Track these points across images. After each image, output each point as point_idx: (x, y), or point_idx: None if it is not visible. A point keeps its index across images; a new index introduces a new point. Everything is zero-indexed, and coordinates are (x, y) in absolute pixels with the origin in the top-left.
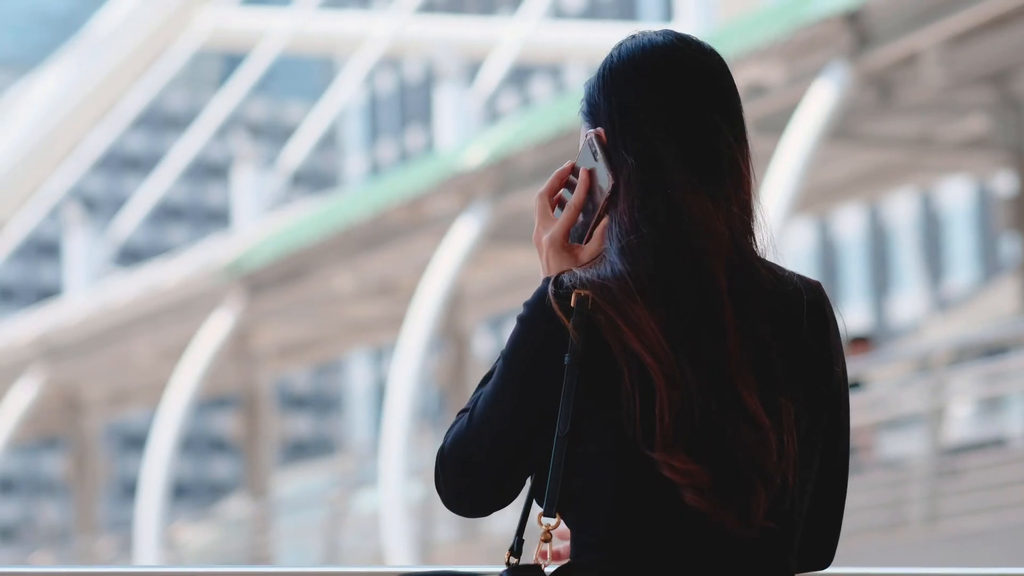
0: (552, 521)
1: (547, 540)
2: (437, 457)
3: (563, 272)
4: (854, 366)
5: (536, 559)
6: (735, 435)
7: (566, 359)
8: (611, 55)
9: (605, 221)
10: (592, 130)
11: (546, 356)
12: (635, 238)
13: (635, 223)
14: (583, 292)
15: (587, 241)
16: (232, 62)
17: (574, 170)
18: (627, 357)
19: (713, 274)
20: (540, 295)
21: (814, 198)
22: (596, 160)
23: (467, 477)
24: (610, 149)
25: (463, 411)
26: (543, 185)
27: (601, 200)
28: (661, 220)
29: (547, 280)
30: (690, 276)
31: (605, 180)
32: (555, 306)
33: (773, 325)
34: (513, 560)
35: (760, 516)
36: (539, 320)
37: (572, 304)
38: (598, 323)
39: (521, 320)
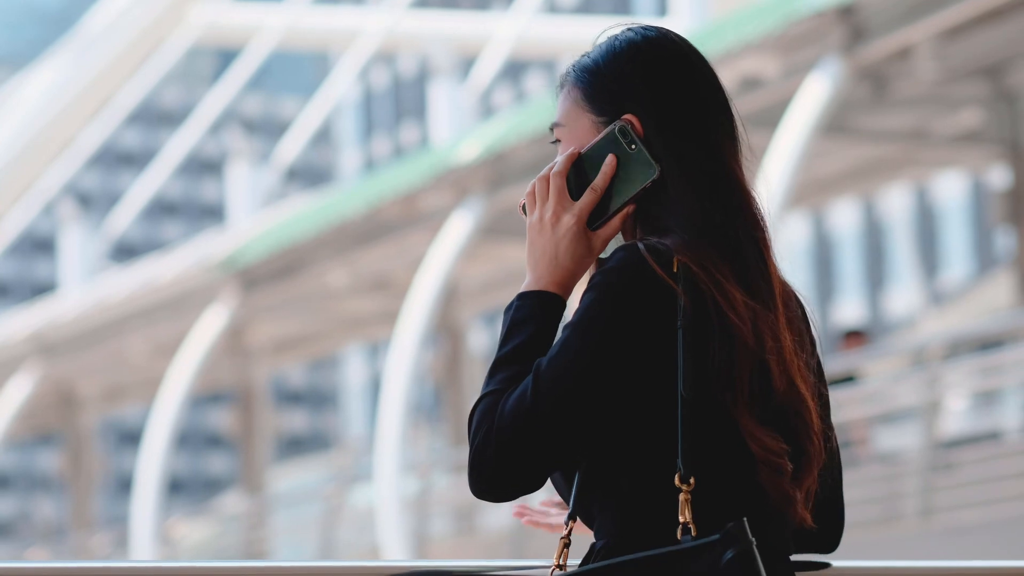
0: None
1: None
2: (487, 434)
3: (641, 241)
4: (849, 360)
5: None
6: (798, 419)
7: (679, 323)
8: (635, 44)
9: (629, 209)
10: (624, 118)
11: (644, 321)
12: (706, 223)
13: (706, 211)
14: (683, 257)
15: (600, 228)
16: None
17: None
18: (721, 326)
19: (770, 265)
20: (633, 261)
21: (808, 192)
22: (631, 149)
23: (531, 451)
24: (651, 139)
25: (494, 391)
26: (549, 169)
27: (635, 188)
28: (734, 207)
29: (630, 248)
30: (756, 265)
31: (640, 169)
32: (660, 271)
33: (799, 324)
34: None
35: (810, 505)
36: (637, 285)
37: (675, 269)
38: (700, 289)
39: (610, 286)
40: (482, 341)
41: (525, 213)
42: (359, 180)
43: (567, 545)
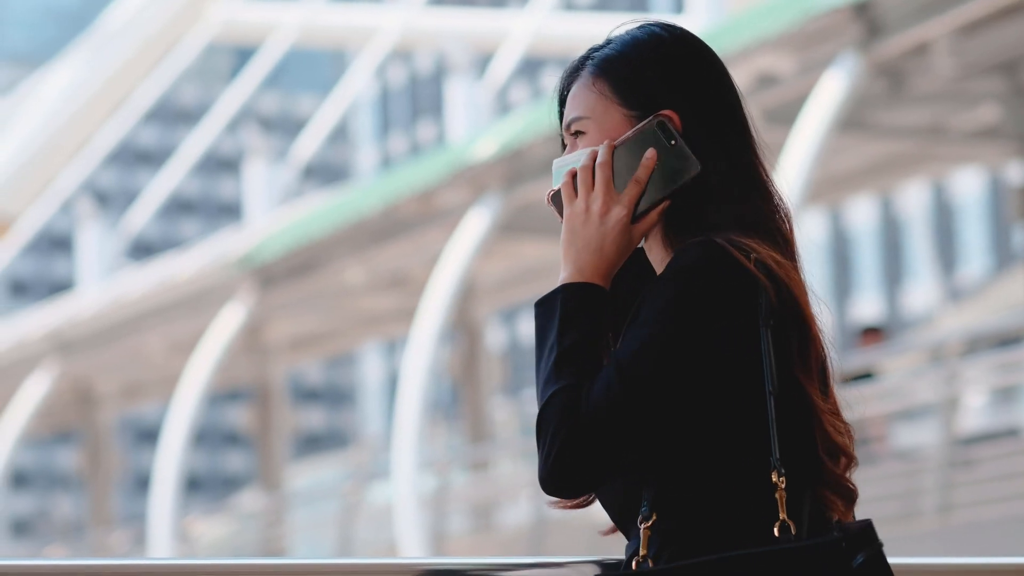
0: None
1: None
2: (573, 429)
3: (719, 237)
4: (867, 357)
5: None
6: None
7: (764, 317)
8: (662, 39)
9: (666, 204)
10: (663, 113)
11: (731, 314)
12: (754, 217)
13: (752, 206)
14: (763, 252)
15: (638, 221)
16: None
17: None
18: (798, 319)
19: (797, 259)
20: (717, 256)
21: (826, 189)
22: (670, 144)
23: (618, 444)
24: (690, 134)
25: (569, 385)
26: (591, 159)
27: (676, 183)
28: (772, 202)
29: (709, 242)
30: (794, 260)
31: (680, 163)
32: (748, 264)
33: None
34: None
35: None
36: (723, 278)
37: (762, 263)
38: (779, 281)
39: (696, 280)
40: (499, 338)
41: (554, 204)
42: (376, 177)
43: (650, 536)
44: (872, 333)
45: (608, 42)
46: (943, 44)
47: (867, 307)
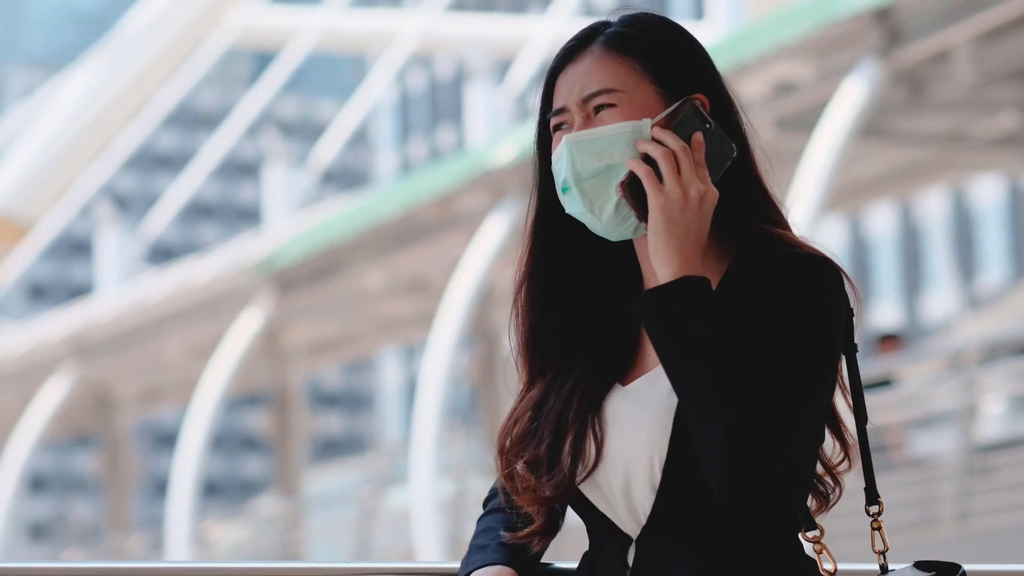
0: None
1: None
2: (781, 468)
3: (812, 244)
4: (885, 364)
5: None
6: None
7: (851, 337)
8: (673, 23)
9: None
10: (695, 96)
11: (843, 333)
12: (779, 209)
13: (771, 195)
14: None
15: None
16: (263, 60)
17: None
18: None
19: None
20: (834, 269)
21: (845, 196)
22: (706, 127)
23: (802, 469)
24: (720, 118)
25: (742, 415)
26: (681, 145)
27: (719, 167)
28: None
29: (822, 258)
30: None
31: (718, 148)
32: (852, 284)
33: None
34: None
35: None
36: (842, 296)
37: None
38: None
39: (831, 303)
40: None
41: (628, 193)
42: (395, 182)
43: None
44: (890, 340)
45: (613, 22)
46: (963, 51)
47: (886, 314)
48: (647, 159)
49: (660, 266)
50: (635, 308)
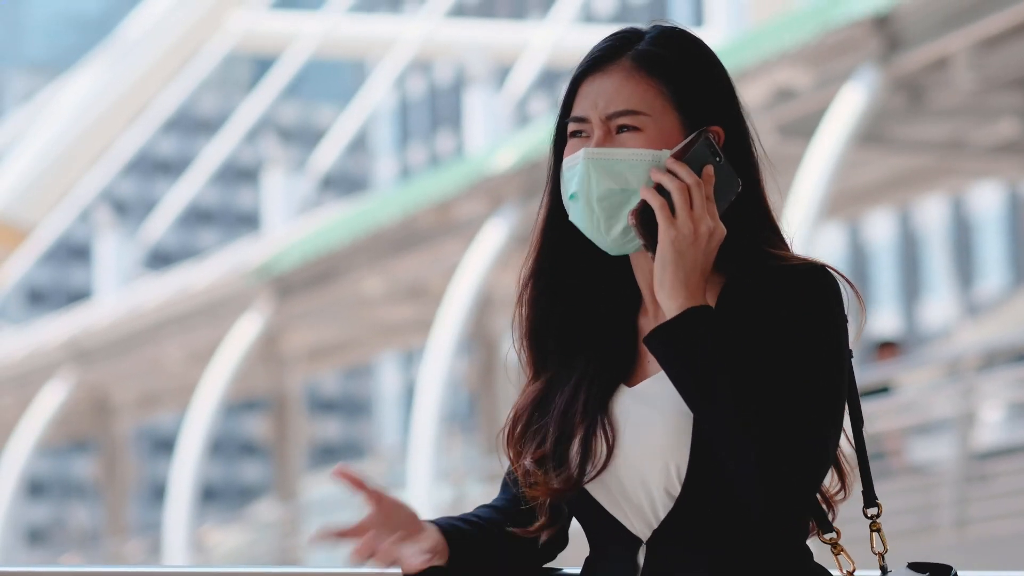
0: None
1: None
2: (798, 485)
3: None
4: (883, 371)
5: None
6: None
7: (851, 350)
8: (706, 48)
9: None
10: (712, 128)
11: (847, 347)
12: (784, 239)
13: (778, 228)
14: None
15: None
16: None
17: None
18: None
19: None
20: (831, 276)
21: (844, 202)
22: (716, 160)
23: (816, 483)
24: (730, 151)
25: (769, 440)
26: (693, 180)
27: (724, 202)
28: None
29: (826, 271)
30: None
31: (725, 182)
32: (859, 294)
33: None
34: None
35: None
36: (843, 310)
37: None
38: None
39: (837, 311)
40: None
41: (639, 223)
42: (394, 188)
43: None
44: (888, 347)
45: (645, 36)
46: (963, 58)
47: (884, 321)
48: (660, 189)
49: (666, 298)
50: (649, 344)
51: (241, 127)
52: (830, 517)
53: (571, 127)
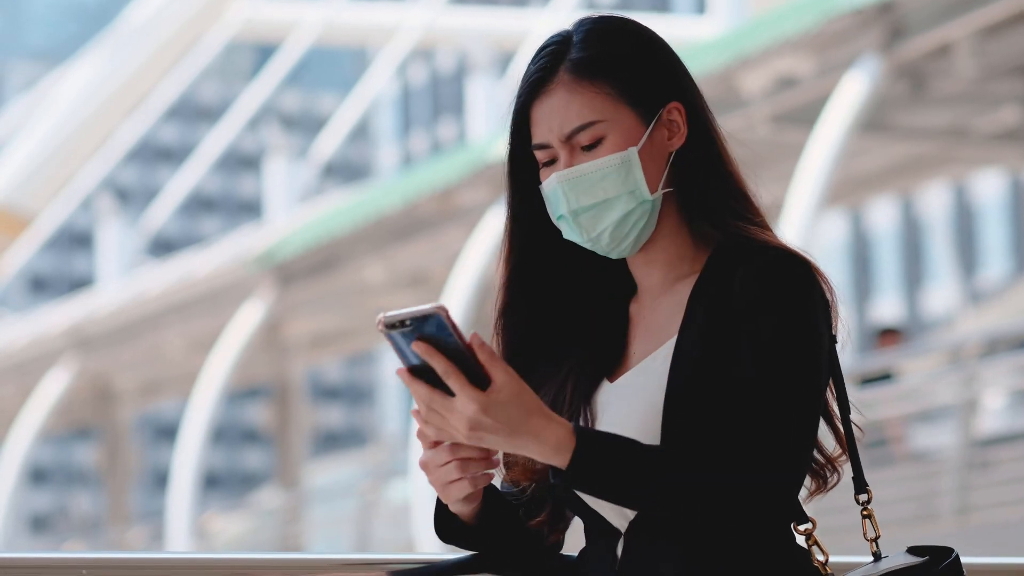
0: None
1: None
2: (780, 472)
3: (784, 241)
4: (885, 358)
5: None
6: None
7: (838, 335)
8: (641, 29)
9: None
10: (670, 106)
11: (826, 328)
12: (757, 208)
13: (747, 192)
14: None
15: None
16: (264, 53)
17: None
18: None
19: None
20: (805, 265)
21: (847, 190)
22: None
23: (803, 470)
24: (694, 121)
25: (716, 469)
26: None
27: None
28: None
29: (800, 260)
30: None
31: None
32: (830, 285)
33: None
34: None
35: None
36: (822, 293)
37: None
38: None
39: (813, 293)
40: None
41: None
42: (396, 176)
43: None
44: (890, 334)
45: (572, 41)
46: (965, 46)
47: (887, 308)
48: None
49: (546, 455)
50: (572, 487)
51: (243, 115)
52: (821, 491)
53: (538, 156)
